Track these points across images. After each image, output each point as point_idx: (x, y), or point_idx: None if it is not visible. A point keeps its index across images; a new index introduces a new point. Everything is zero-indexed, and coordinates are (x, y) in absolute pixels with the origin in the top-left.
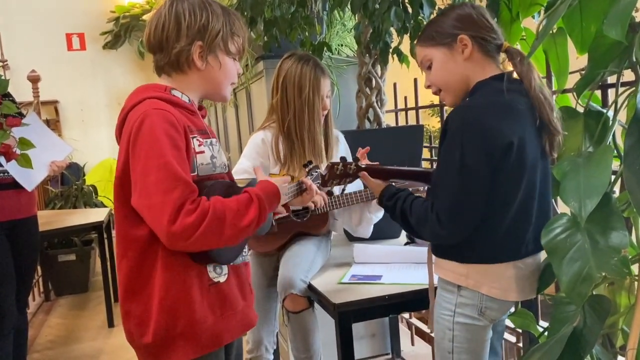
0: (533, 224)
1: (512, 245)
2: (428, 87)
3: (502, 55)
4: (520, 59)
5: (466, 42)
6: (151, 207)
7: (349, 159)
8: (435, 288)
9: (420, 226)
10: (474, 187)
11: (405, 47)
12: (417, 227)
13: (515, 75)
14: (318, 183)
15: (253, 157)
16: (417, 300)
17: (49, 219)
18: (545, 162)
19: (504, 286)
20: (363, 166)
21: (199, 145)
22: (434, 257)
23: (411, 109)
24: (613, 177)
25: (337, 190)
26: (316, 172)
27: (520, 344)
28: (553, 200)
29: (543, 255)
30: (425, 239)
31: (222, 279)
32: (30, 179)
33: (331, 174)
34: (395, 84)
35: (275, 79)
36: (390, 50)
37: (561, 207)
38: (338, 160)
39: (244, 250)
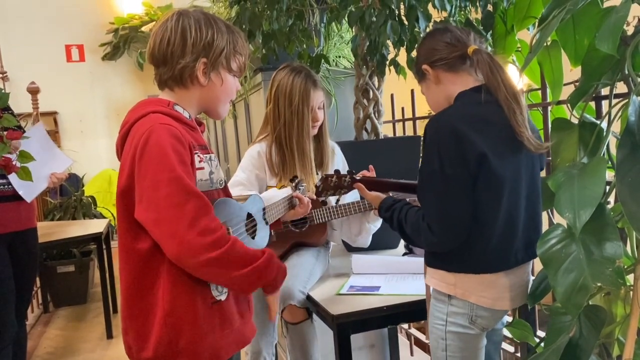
0: (521, 233)
1: (499, 256)
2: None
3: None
4: (478, 60)
5: (427, 70)
6: (161, 220)
7: (346, 171)
8: None
9: (415, 236)
10: (458, 194)
11: (402, 59)
12: (412, 237)
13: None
14: (308, 193)
15: (249, 170)
16: (415, 311)
17: (48, 230)
18: (531, 169)
19: (493, 295)
20: (358, 178)
21: (200, 162)
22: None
23: (408, 119)
24: (608, 187)
25: (332, 200)
26: (302, 186)
27: (519, 354)
28: (549, 210)
29: (531, 262)
30: (421, 247)
31: (223, 297)
32: (29, 190)
33: (325, 185)
34: (392, 95)
35: (269, 90)
36: (387, 62)
37: (557, 218)
38: (332, 173)
39: None
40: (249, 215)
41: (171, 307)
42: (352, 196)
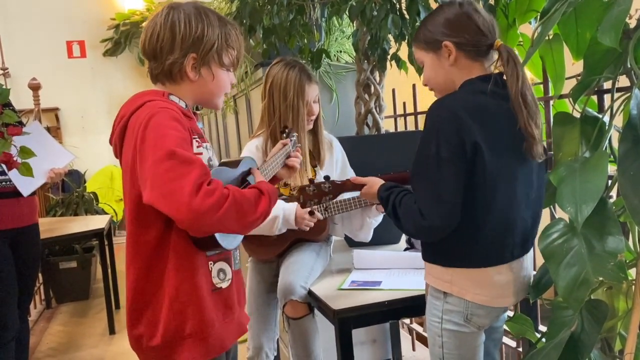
0: (519, 229)
1: (495, 251)
2: (425, 84)
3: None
4: (508, 58)
5: (450, 49)
6: (167, 193)
7: (347, 163)
8: None
9: (406, 219)
10: (451, 179)
11: (403, 54)
12: (403, 220)
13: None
14: (299, 146)
15: None
16: (417, 306)
17: (50, 227)
18: (530, 166)
19: (490, 292)
20: (338, 182)
21: (198, 147)
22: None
23: (410, 114)
24: (610, 181)
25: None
26: (294, 135)
27: (521, 349)
28: (551, 206)
29: (529, 257)
30: (411, 234)
31: (224, 285)
32: (27, 184)
33: (305, 195)
34: (393, 90)
35: (263, 85)
36: (389, 56)
37: (559, 213)
38: (307, 183)
39: (238, 255)
40: (244, 180)
41: (176, 293)
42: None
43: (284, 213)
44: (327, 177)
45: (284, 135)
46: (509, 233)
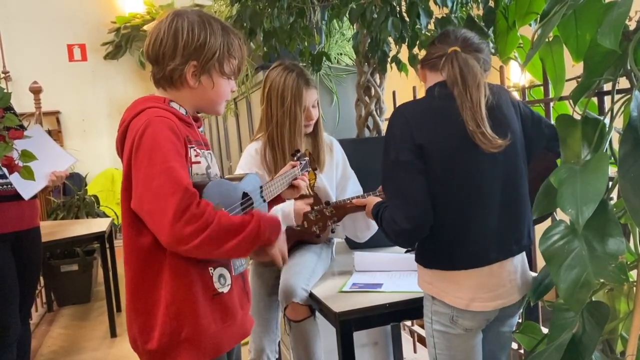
0: (496, 231)
1: (464, 253)
2: None
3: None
4: (443, 63)
5: (419, 68)
6: (152, 212)
7: (347, 165)
8: None
9: (387, 228)
10: (413, 180)
11: (403, 56)
12: (386, 230)
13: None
14: (308, 170)
15: (248, 168)
16: (418, 308)
17: (52, 230)
18: (510, 166)
19: (467, 295)
20: (341, 205)
21: (196, 156)
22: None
23: None
24: (611, 183)
25: (332, 196)
26: (305, 159)
27: (522, 351)
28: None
29: (515, 261)
30: (394, 241)
31: (225, 290)
32: (28, 188)
33: (309, 221)
34: (394, 92)
35: (262, 89)
36: (389, 59)
37: (560, 214)
38: (309, 209)
39: (240, 260)
40: (245, 194)
41: (172, 298)
42: (352, 190)
43: (282, 210)
44: (327, 203)
45: (295, 158)
46: (478, 234)
